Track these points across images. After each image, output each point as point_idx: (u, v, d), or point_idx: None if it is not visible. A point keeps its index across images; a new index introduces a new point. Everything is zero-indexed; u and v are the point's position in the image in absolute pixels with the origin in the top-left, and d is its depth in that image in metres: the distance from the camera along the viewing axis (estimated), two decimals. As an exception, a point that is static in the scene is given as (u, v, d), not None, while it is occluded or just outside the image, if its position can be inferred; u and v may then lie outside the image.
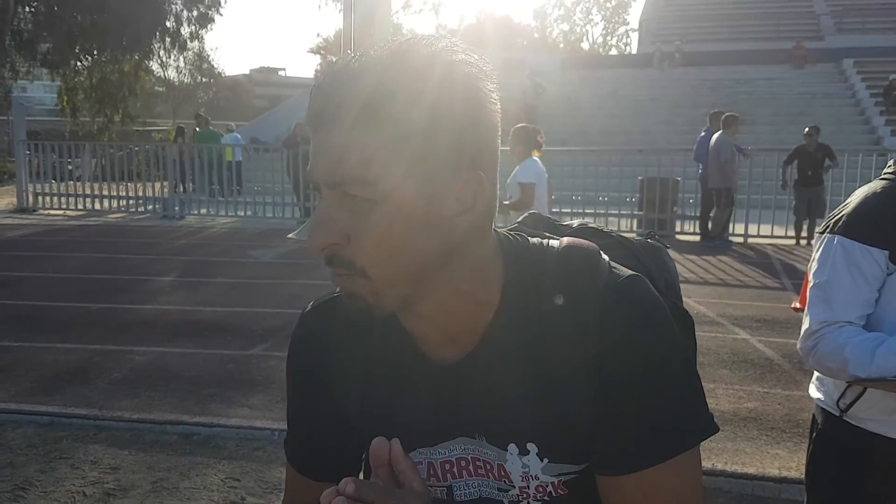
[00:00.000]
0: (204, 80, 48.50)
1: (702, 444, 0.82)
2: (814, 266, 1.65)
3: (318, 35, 50.84)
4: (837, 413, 1.67)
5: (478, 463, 0.86)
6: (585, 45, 60.76)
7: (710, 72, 22.69)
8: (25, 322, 6.04)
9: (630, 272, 0.84)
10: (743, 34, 27.35)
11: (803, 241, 10.28)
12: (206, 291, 7.42)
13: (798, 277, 7.55)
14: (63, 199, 14.27)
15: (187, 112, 41.69)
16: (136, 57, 27.70)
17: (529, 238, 0.87)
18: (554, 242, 0.86)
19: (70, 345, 5.41)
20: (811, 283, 1.66)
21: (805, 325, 1.65)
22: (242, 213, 13.41)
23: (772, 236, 10.56)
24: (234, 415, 4.14)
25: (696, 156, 11.08)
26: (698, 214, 11.07)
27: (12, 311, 6.48)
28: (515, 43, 50.42)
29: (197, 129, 17.23)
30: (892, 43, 23.99)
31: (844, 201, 1.70)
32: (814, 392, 1.79)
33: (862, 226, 1.58)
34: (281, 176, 13.32)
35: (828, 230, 1.65)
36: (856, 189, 1.78)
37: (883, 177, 1.67)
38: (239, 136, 17.27)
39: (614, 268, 0.84)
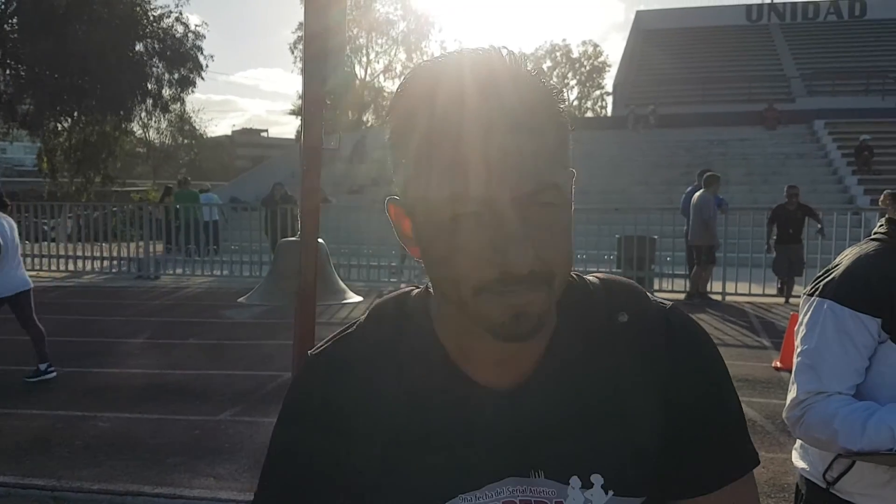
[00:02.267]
0: (185, 141, 48.82)
1: None
2: (802, 331, 1.57)
3: (299, 97, 51.45)
4: (824, 485, 1.59)
5: None
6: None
7: (684, 133, 23.13)
8: (-14, 387, 5.83)
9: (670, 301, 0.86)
10: (716, 97, 28.04)
11: (782, 299, 10.32)
12: (177, 353, 7.25)
13: (778, 336, 7.51)
14: (38, 261, 14.07)
15: (168, 173, 41.84)
16: (117, 118, 27.89)
17: None
18: (587, 276, 0.86)
19: (34, 411, 5.22)
20: (799, 349, 1.58)
21: (792, 394, 1.57)
22: (219, 273, 13.28)
23: (749, 294, 10.59)
24: (197, 485, 3.98)
25: (682, 210, 11.22)
26: (675, 272, 11.11)
27: (-27, 375, 6.26)
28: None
29: (175, 189, 17.23)
30: (861, 105, 24.72)
31: (822, 258, 1.64)
32: (797, 461, 1.71)
33: (853, 291, 1.50)
34: (259, 235, 13.26)
35: (817, 293, 1.57)
36: (832, 247, 1.71)
37: (874, 237, 1.61)
38: (215, 196, 17.26)
39: (654, 297, 0.85)
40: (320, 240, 1.59)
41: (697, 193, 10.42)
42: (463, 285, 0.69)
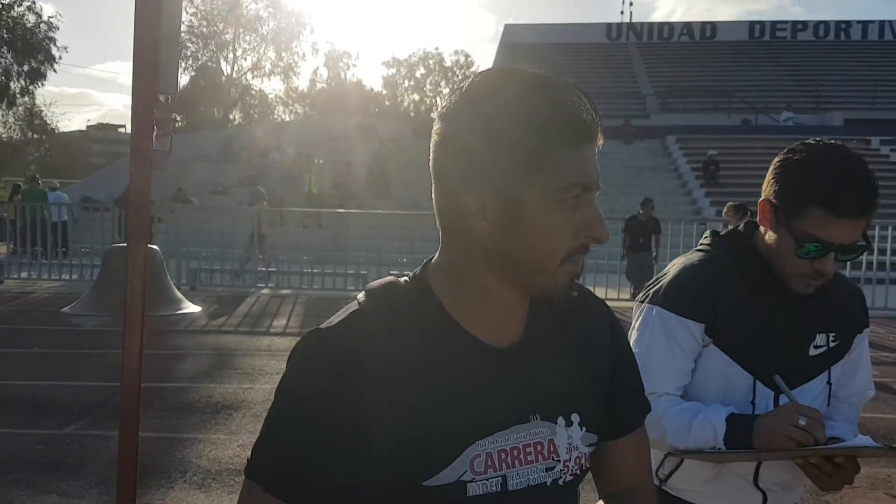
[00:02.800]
0: (35, 136, 45.35)
1: None
2: (634, 335, 1.64)
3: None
4: (656, 483, 1.65)
5: (528, 449, 0.93)
6: (435, 115, 62.69)
7: (550, 143, 24.00)
8: None
9: None
10: (579, 110, 29.21)
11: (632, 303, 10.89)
12: (19, 363, 6.72)
13: (632, 338, 7.91)
14: None
15: (15, 170, 38.65)
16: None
17: None
18: None
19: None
20: None
21: None
22: (68, 277, 12.42)
23: (605, 298, 11.07)
24: (40, 502, 3.69)
25: None
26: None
27: None
28: (368, 109, 51.29)
29: (23, 186, 16.01)
30: (709, 122, 26.60)
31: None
32: None
33: (679, 298, 1.59)
34: (112, 237, 12.50)
35: (647, 300, 1.65)
36: (680, 254, 1.81)
37: (699, 248, 1.70)
38: (64, 195, 16.15)
39: None
40: (153, 246, 1.49)
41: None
42: (554, 255, 0.88)
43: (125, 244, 1.38)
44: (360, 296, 0.95)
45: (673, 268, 1.67)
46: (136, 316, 1.08)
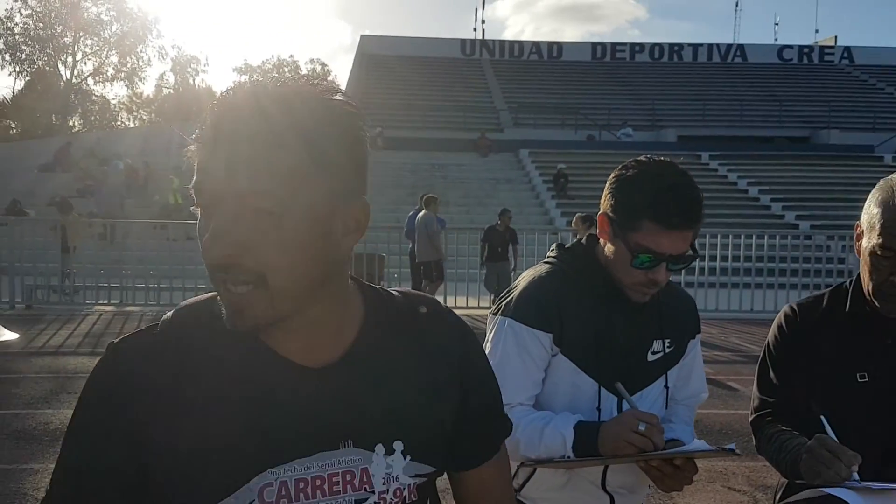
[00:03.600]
0: None
1: None
2: (488, 347, 1.67)
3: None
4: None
5: (335, 479, 0.86)
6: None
7: (408, 156, 24.25)
8: None
9: None
10: (436, 124, 29.75)
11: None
12: None
13: (491, 345, 8.12)
14: None
15: None
16: None
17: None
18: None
19: None
20: None
21: None
22: None
23: (467, 307, 11.36)
24: None
25: (407, 232, 11.71)
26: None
27: None
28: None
29: None
30: (558, 137, 27.87)
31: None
32: None
33: (528, 309, 1.63)
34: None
35: (500, 312, 1.69)
36: (535, 262, 1.87)
37: (546, 261, 1.76)
38: None
39: None
40: None
41: (421, 213, 11.05)
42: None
43: None
44: (169, 313, 0.91)
45: (522, 280, 1.72)
46: None
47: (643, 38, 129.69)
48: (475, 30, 63.80)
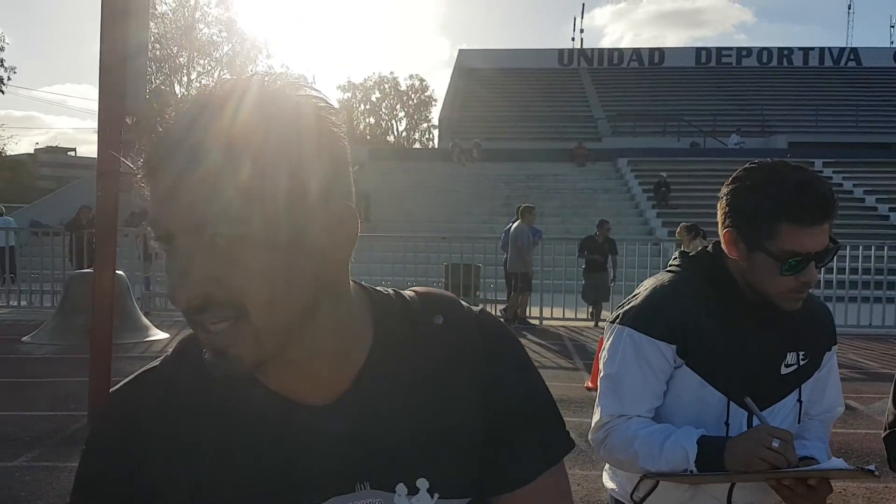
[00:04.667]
0: (-24, 158, 44.11)
1: None
2: (605, 356, 1.64)
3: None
4: None
5: None
6: (391, 139, 63.12)
7: (504, 167, 24.27)
8: None
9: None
10: (532, 134, 29.70)
11: (592, 322, 11.04)
12: (-36, 394, 6.47)
13: (589, 357, 8.02)
14: None
15: (-45, 193, 37.54)
16: None
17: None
18: (403, 291, 0.88)
19: None
20: (602, 374, 1.65)
21: (596, 417, 1.63)
22: (16, 303, 12.07)
23: (563, 318, 11.24)
24: (-12, 539, 3.57)
25: (502, 244, 11.70)
26: (498, 298, 11.60)
27: None
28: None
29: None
30: (659, 145, 27.22)
31: (627, 285, 1.73)
32: (607, 481, 1.78)
33: (650, 319, 1.58)
34: (62, 262, 12.21)
35: (618, 321, 1.64)
36: (635, 275, 1.83)
37: (669, 269, 1.70)
38: (10, 219, 15.73)
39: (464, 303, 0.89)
40: (119, 272, 1.48)
41: (514, 224, 10.99)
42: None
43: (89, 270, 1.36)
44: (171, 350, 0.84)
45: (644, 289, 1.66)
46: (104, 343, 1.07)
47: (750, 43, 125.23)
48: (573, 39, 63.21)
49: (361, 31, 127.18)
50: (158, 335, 8.72)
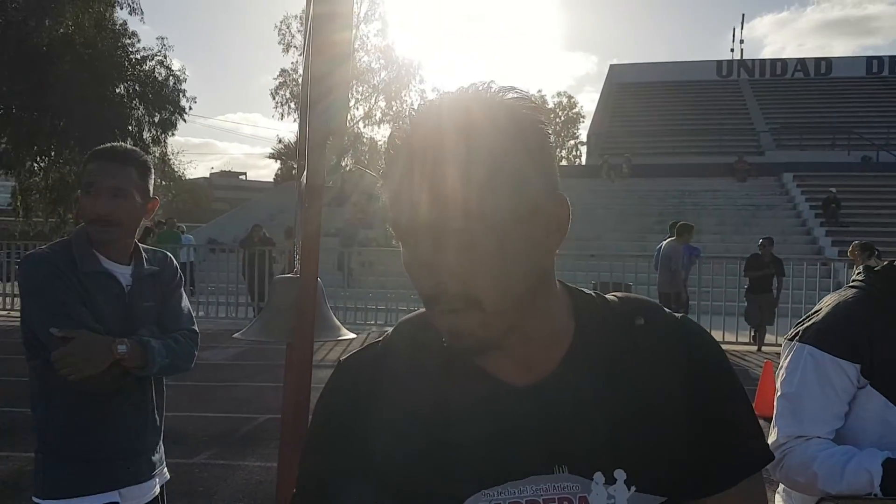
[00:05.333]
0: (164, 182, 48.64)
1: None
2: (782, 374, 1.59)
3: (279, 141, 51.57)
4: None
5: None
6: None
7: (656, 183, 23.56)
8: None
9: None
10: (687, 149, 28.63)
11: (755, 346, 10.45)
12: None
13: (752, 383, 7.60)
14: (8, 300, 13.85)
15: (143, 214, 41.28)
16: (95, 159, 27.77)
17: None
18: (605, 295, 0.92)
19: (2, 453, 5.12)
20: (779, 393, 1.60)
21: (772, 437, 1.58)
22: (195, 314, 13.12)
23: (724, 341, 10.70)
24: (172, 528, 3.90)
25: (654, 263, 11.27)
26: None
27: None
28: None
29: (154, 230, 17.20)
30: (828, 159, 25.39)
31: (793, 307, 1.66)
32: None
33: (833, 336, 1.53)
34: (236, 276, 13.21)
35: (797, 338, 1.59)
36: (802, 296, 1.77)
37: (852, 284, 1.64)
38: (190, 236, 17.21)
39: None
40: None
41: (666, 242, 10.48)
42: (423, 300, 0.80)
43: (290, 275, 1.53)
44: (391, 329, 0.92)
45: (825, 305, 1.60)
46: (307, 342, 1.20)
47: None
48: (732, 50, 60.50)
49: (508, 50, 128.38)
50: (348, 335, 9.16)
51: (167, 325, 2.08)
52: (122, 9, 27.88)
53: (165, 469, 2.18)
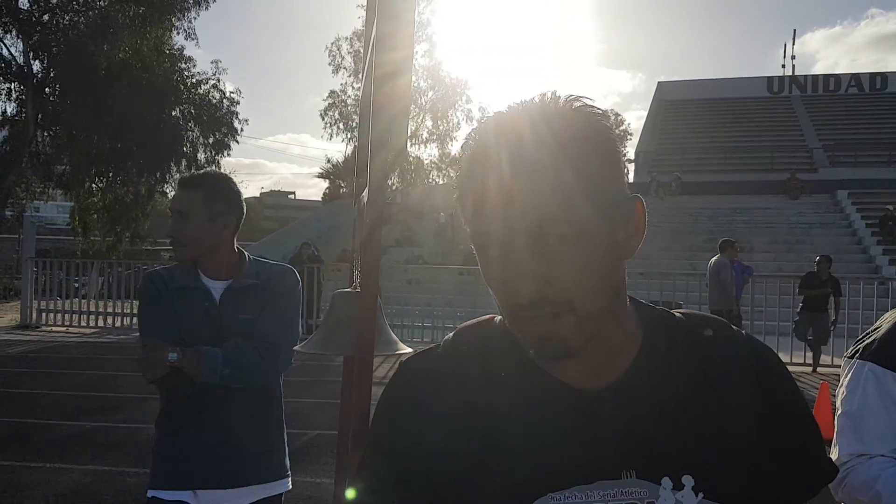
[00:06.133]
0: (216, 202, 49.58)
1: None
2: (842, 392, 1.56)
3: (327, 161, 52.30)
4: None
5: None
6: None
7: (707, 200, 23.22)
8: (17, 440, 5.90)
9: None
10: (738, 166, 28.20)
11: (810, 367, 10.17)
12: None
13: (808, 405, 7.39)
14: (67, 317, 14.27)
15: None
16: (153, 180, 28.59)
17: None
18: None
19: (60, 465, 5.26)
20: (840, 411, 1.57)
21: (833, 455, 1.55)
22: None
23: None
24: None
25: (707, 281, 11.07)
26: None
27: (4, 429, 6.34)
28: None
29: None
30: (884, 175, 24.71)
31: (850, 328, 1.63)
32: None
33: (895, 353, 1.50)
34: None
35: (858, 355, 1.57)
36: (859, 316, 1.74)
37: None
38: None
39: None
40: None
41: (713, 259, 10.33)
42: (503, 310, 0.81)
43: (349, 290, 1.57)
44: (450, 334, 0.92)
45: (886, 322, 1.57)
46: (367, 355, 1.23)
47: None
48: (783, 66, 59.46)
49: (552, 69, 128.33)
50: (405, 349, 9.21)
51: (254, 336, 2.16)
52: (178, 34, 28.71)
53: (282, 482, 2.26)
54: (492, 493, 0.79)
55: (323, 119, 40.51)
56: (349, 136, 39.45)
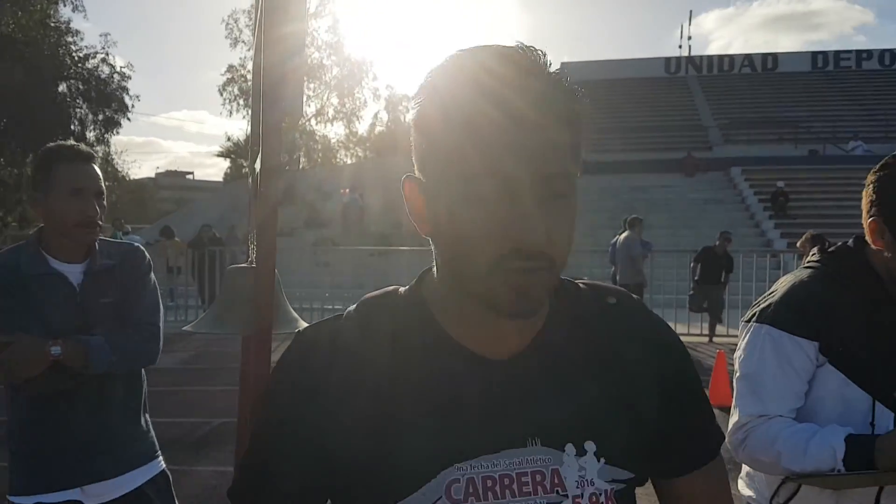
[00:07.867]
0: (107, 183, 47.45)
1: None
2: (741, 355, 1.60)
3: (227, 139, 50.81)
4: None
5: (524, 479, 0.80)
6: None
7: (608, 179, 23.85)
8: None
9: None
10: (637, 145, 29.07)
11: (706, 338, 10.62)
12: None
13: (706, 373, 7.70)
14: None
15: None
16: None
17: None
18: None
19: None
20: (738, 374, 1.61)
21: (734, 418, 1.58)
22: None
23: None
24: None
25: (610, 258, 11.38)
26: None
27: None
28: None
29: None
30: (775, 153, 26.03)
31: (743, 299, 1.67)
32: (743, 489, 1.73)
33: (790, 315, 1.54)
34: (185, 278, 12.92)
35: (755, 318, 1.60)
36: (752, 288, 1.78)
37: (808, 265, 1.66)
38: (137, 236, 16.78)
39: None
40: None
41: (623, 235, 10.67)
42: (477, 260, 0.74)
43: (244, 265, 1.44)
44: (353, 305, 0.89)
45: (782, 285, 1.62)
46: (265, 332, 1.13)
47: (871, 45, 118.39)
48: (680, 47, 61.65)
49: (457, 47, 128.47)
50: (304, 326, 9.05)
51: (125, 319, 2.06)
52: (64, 6, 27.11)
53: (155, 462, 2.19)
54: (396, 465, 0.78)
55: (221, 95, 39.30)
56: (249, 112, 38.46)
